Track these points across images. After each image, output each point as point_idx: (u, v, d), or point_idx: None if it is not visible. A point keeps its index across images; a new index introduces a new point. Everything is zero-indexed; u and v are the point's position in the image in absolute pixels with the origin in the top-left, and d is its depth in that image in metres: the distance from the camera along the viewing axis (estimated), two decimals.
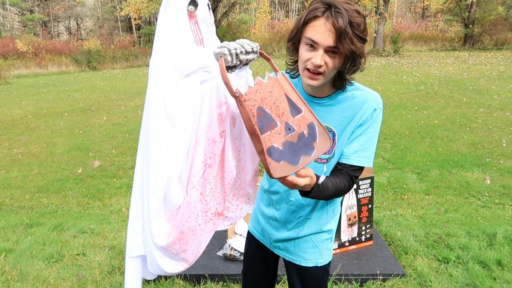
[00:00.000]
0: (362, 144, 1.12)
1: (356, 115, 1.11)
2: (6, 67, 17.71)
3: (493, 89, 8.70)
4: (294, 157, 0.93)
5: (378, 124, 1.13)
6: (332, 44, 0.98)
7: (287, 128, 0.93)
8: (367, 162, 1.14)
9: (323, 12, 0.98)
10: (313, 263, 1.31)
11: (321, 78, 1.04)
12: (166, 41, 1.04)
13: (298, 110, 0.96)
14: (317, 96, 1.15)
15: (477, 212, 3.32)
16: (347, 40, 0.96)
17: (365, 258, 2.47)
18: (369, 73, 12.37)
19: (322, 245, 1.31)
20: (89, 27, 36.78)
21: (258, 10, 28.73)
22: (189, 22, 1.05)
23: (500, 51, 17.72)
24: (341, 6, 0.97)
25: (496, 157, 4.64)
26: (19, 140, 6.33)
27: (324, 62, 1.01)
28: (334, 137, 1.15)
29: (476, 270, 2.31)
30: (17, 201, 3.95)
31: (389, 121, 6.50)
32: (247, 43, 1.02)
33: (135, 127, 6.96)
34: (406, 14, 33.19)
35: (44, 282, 2.37)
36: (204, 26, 1.09)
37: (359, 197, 2.56)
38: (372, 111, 1.11)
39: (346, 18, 0.96)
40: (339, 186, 1.11)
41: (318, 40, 0.99)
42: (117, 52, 22.50)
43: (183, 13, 1.04)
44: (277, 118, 0.93)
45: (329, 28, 0.97)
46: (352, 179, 1.14)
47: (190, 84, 1.01)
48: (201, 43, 1.07)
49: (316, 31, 0.99)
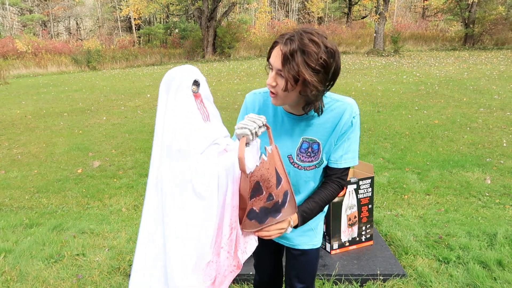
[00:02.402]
0: (346, 148, 1.25)
1: (337, 125, 1.22)
2: (6, 67, 17.70)
3: (494, 89, 8.69)
4: (263, 218, 1.14)
5: (358, 128, 1.25)
6: (279, 67, 1.07)
7: (269, 197, 1.12)
8: (352, 161, 1.27)
9: (282, 38, 1.09)
10: (309, 245, 1.44)
11: (278, 98, 1.15)
12: (178, 125, 1.09)
13: (279, 180, 1.12)
14: (296, 114, 1.25)
15: (477, 212, 3.31)
16: (291, 64, 1.04)
17: (365, 258, 2.47)
18: (369, 73, 12.37)
19: (316, 228, 1.45)
20: (88, 27, 36.79)
21: (258, 10, 28.73)
22: (195, 102, 1.13)
23: (501, 50, 17.71)
24: (297, 35, 1.05)
25: (496, 157, 4.64)
26: (18, 140, 6.33)
27: (277, 83, 1.12)
28: (319, 147, 1.26)
29: (476, 270, 2.30)
30: (17, 201, 3.94)
31: (389, 121, 6.50)
32: (257, 118, 1.14)
33: (135, 127, 6.96)
34: (406, 14, 33.19)
35: (44, 283, 2.37)
36: (208, 102, 1.17)
37: (359, 197, 2.55)
38: (351, 119, 1.22)
39: (295, 45, 1.03)
40: (327, 196, 1.28)
41: (271, 62, 1.11)
42: (116, 52, 22.51)
43: (189, 95, 1.11)
44: (265, 189, 1.10)
45: (279, 53, 1.07)
46: (340, 182, 1.29)
47: (211, 160, 1.10)
48: (207, 118, 1.15)
49: (272, 54, 1.11)
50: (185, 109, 1.10)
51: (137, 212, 3.60)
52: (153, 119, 7.65)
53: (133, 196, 3.97)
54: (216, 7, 21.36)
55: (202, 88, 1.16)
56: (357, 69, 13.34)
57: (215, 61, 20.10)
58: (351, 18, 31.54)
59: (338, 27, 27.22)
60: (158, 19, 34.89)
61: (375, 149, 5.14)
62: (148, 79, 14.06)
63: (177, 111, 1.09)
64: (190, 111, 1.11)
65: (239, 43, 22.14)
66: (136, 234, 3.01)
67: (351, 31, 25.03)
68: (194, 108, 1.12)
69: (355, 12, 33.08)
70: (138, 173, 4.66)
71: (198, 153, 1.09)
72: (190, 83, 1.12)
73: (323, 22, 33.39)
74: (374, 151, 5.09)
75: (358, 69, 13.33)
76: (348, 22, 30.40)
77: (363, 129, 6.07)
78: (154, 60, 21.81)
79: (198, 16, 21.60)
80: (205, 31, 21.27)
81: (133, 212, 3.61)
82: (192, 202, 1.07)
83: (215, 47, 21.76)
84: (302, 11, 36.10)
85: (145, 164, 4.96)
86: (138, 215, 3.51)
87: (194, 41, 22.91)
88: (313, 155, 1.27)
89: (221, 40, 21.33)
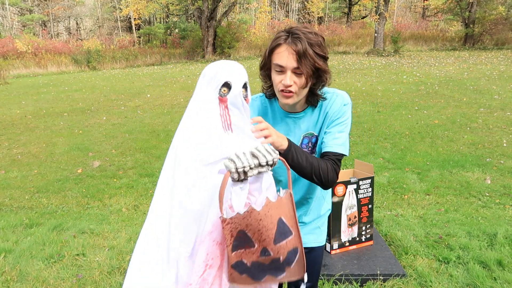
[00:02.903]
0: (337, 134, 1.27)
1: (327, 114, 1.27)
2: (6, 67, 17.69)
3: (494, 89, 8.69)
4: (259, 274, 0.97)
5: (348, 116, 1.28)
6: (296, 65, 1.12)
7: (263, 252, 0.95)
8: (342, 148, 1.25)
9: (284, 39, 1.14)
10: (316, 243, 1.47)
11: (294, 96, 1.18)
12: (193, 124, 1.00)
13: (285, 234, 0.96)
14: (293, 112, 1.30)
15: (477, 212, 3.31)
16: (308, 59, 1.11)
17: (365, 258, 2.46)
18: (369, 73, 12.36)
19: (322, 226, 1.50)
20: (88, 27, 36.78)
21: (258, 10, 28.73)
22: (219, 106, 1.01)
23: (501, 50, 17.71)
24: (299, 31, 1.12)
25: (496, 157, 4.64)
26: (18, 140, 6.33)
27: (294, 82, 1.15)
28: (316, 139, 1.31)
29: (476, 270, 2.30)
30: (17, 201, 3.94)
31: (389, 121, 6.50)
32: (263, 154, 0.95)
33: (135, 127, 6.96)
34: (406, 14, 33.18)
35: (44, 283, 2.37)
36: (235, 110, 1.04)
37: (359, 197, 2.55)
38: (342, 106, 1.26)
39: (304, 41, 1.10)
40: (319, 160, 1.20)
41: (284, 63, 1.13)
42: (116, 52, 22.51)
43: (214, 97, 1.01)
44: (257, 242, 0.94)
45: (291, 52, 1.12)
46: (335, 162, 1.24)
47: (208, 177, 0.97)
48: (229, 128, 1.02)
49: (281, 56, 1.14)
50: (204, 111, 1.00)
51: (137, 212, 3.60)
52: (153, 119, 7.63)
53: (133, 196, 3.97)
54: (216, 7, 21.35)
55: (233, 93, 1.03)
56: (357, 69, 13.34)
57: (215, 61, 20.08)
58: (351, 18, 31.53)
59: (338, 27, 27.21)
60: (158, 19, 34.90)
61: (375, 149, 5.14)
62: (148, 79, 14.06)
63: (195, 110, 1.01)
64: (209, 115, 1.00)
65: (239, 43, 22.13)
66: (136, 234, 3.01)
67: (351, 31, 25.02)
68: (216, 113, 1.01)
69: (355, 12, 33.07)
70: (138, 173, 4.66)
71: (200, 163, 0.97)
72: (220, 83, 1.01)
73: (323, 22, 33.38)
74: (374, 151, 5.09)
75: (358, 69, 13.33)
76: (348, 22, 30.40)
77: (363, 129, 6.07)
78: (154, 60, 21.79)
79: (198, 16, 21.59)
80: (205, 31, 21.26)
81: (133, 212, 3.61)
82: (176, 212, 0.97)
83: (215, 47, 21.74)
84: (302, 11, 36.09)
85: (145, 164, 4.96)
86: (138, 215, 3.51)
87: (194, 41, 22.90)
88: (311, 148, 1.32)
89: (221, 40, 21.32)
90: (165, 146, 5.68)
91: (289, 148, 1.15)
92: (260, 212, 0.92)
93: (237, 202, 0.95)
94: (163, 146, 5.70)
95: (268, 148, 0.96)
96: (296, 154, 1.16)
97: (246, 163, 0.91)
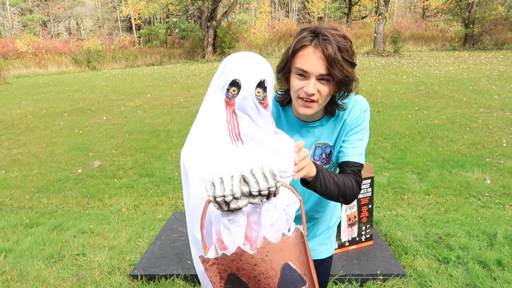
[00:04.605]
0: (356, 142, 1.15)
1: (345, 121, 1.15)
2: (6, 67, 17.69)
3: (493, 89, 8.69)
4: None
5: (367, 123, 1.17)
6: (323, 72, 0.98)
7: None
8: (360, 157, 1.15)
9: (310, 41, 0.98)
10: (326, 254, 1.41)
11: (315, 105, 1.05)
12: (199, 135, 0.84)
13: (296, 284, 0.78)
14: (309, 121, 1.17)
15: (477, 212, 3.31)
16: (337, 66, 0.97)
17: (365, 258, 2.47)
18: (369, 73, 12.36)
19: (332, 235, 1.44)
20: (89, 27, 36.77)
21: (258, 10, 28.73)
22: (226, 110, 0.83)
23: (500, 51, 17.71)
24: (328, 33, 0.97)
25: (496, 157, 4.64)
26: (18, 140, 6.33)
27: (317, 90, 1.01)
28: (331, 150, 1.19)
29: (476, 270, 2.30)
30: (17, 201, 3.94)
31: (389, 121, 6.50)
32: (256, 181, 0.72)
33: (135, 127, 6.96)
34: (406, 14, 33.18)
35: (44, 282, 2.37)
36: (245, 116, 0.83)
37: (359, 197, 2.56)
38: (362, 113, 1.15)
39: (334, 44, 0.96)
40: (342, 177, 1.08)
41: (309, 69, 0.99)
42: (117, 52, 22.51)
43: (220, 99, 0.83)
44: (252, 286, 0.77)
45: (319, 56, 0.97)
46: (356, 174, 1.13)
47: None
48: (238, 138, 0.82)
49: (306, 60, 0.99)
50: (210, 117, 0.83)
51: (137, 212, 3.60)
52: (154, 119, 7.64)
53: (133, 196, 3.97)
54: (216, 7, 21.36)
55: (242, 95, 0.82)
56: (357, 69, 13.17)
57: (215, 61, 20.08)
58: (351, 18, 31.54)
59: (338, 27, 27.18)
60: (158, 19, 34.89)
61: (375, 149, 5.14)
62: (148, 79, 14.06)
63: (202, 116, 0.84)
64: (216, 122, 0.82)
65: (239, 43, 22.13)
66: (136, 234, 3.01)
67: (351, 31, 25.02)
68: (222, 119, 0.82)
69: (355, 12, 33.08)
70: (138, 173, 4.66)
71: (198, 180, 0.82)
72: (227, 82, 0.82)
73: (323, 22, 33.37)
74: (374, 151, 5.09)
75: (358, 69, 13.29)
76: (348, 22, 30.40)
77: None
78: (154, 60, 21.80)
79: (198, 16, 21.60)
80: (205, 31, 21.26)
81: (133, 212, 3.61)
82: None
83: (215, 47, 21.75)
84: (302, 11, 36.09)
85: (145, 164, 4.96)
86: (138, 215, 3.51)
87: (194, 41, 22.91)
88: (325, 160, 1.20)
89: (221, 40, 21.32)
90: (165, 146, 5.68)
91: (317, 175, 0.98)
92: (255, 256, 0.73)
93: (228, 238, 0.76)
94: (163, 146, 5.71)
95: (267, 171, 0.73)
96: (324, 180, 1.01)
97: (228, 191, 0.70)
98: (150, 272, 2.39)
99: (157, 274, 2.37)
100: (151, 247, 2.70)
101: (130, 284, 2.34)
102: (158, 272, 2.39)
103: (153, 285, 2.32)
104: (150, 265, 2.47)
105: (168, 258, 2.54)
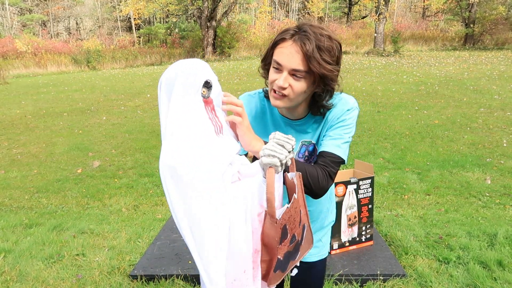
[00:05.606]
0: (335, 135, 1.13)
1: (327, 118, 1.14)
2: (5, 67, 17.68)
3: (494, 89, 8.69)
4: (286, 264, 0.94)
5: (351, 122, 1.13)
6: (297, 67, 0.97)
7: (292, 239, 0.92)
8: (338, 150, 1.10)
9: (291, 35, 0.99)
10: (317, 257, 1.37)
11: (286, 100, 1.04)
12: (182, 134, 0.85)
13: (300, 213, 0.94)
14: (292, 119, 1.17)
15: (477, 212, 3.31)
16: (313, 64, 0.96)
17: (366, 259, 2.46)
18: (369, 73, 12.36)
19: (324, 238, 1.39)
20: (88, 27, 36.76)
21: (258, 10, 28.73)
22: (206, 109, 0.89)
23: (501, 50, 17.70)
24: (310, 30, 0.97)
25: (496, 157, 4.63)
26: (18, 140, 6.32)
27: (289, 84, 1.00)
28: (314, 147, 1.18)
29: (476, 270, 2.30)
30: (17, 201, 3.94)
31: (389, 121, 6.49)
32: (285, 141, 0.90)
33: (134, 127, 6.96)
34: (407, 14, 33.17)
35: (44, 283, 2.36)
36: (220, 112, 0.94)
37: (359, 197, 2.55)
38: (345, 111, 1.12)
39: (313, 42, 0.95)
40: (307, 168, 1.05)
41: (283, 62, 0.99)
42: (116, 52, 22.50)
43: (199, 100, 0.88)
44: (290, 231, 0.91)
45: (296, 51, 0.97)
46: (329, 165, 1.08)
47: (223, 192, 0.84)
48: (220, 131, 0.92)
49: (281, 52, 0.99)
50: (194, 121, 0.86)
51: (137, 212, 3.60)
52: (153, 119, 7.63)
53: (133, 196, 3.96)
54: (216, 7, 21.35)
55: (214, 92, 0.91)
56: (357, 69, 13.33)
57: (215, 61, 20.08)
58: (351, 18, 31.53)
59: (338, 27, 27.20)
60: (158, 19, 34.88)
61: (375, 149, 5.14)
62: (148, 79, 14.05)
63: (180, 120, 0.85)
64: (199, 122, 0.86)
65: (239, 43, 22.13)
66: (135, 234, 3.01)
67: (351, 31, 25.03)
68: (205, 118, 0.88)
69: (355, 12, 33.07)
70: (138, 173, 4.66)
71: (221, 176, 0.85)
72: (200, 84, 0.88)
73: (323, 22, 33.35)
74: (374, 151, 5.08)
75: (358, 69, 13.32)
76: (348, 22, 30.40)
77: (363, 129, 6.06)
78: (154, 60, 21.80)
79: (198, 16, 21.59)
80: (205, 31, 21.25)
81: (133, 212, 3.61)
82: None
83: (215, 47, 21.74)
84: (302, 11, 36.08)
85: (145, 164, 4.95)
86: (138, 215, 3.50)
87: (194, 41, 22.90)
88: (308, 157, 1.21)
89: (221, 40, 21.32)
90: None
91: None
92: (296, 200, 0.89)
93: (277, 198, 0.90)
94: None
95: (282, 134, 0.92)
96: None
97: (285, 152, 0.87)
98: (150, 272, 2.39)
99: (157, 274, 2.37)
100: (151, 247, 2.70)
101: (129, 284, 2.34)
102: (158, 272, 2.38)
103: (153, 285, 2.32)
104: (150, 265, 2.46)
105: (168, 258, 2.53)
